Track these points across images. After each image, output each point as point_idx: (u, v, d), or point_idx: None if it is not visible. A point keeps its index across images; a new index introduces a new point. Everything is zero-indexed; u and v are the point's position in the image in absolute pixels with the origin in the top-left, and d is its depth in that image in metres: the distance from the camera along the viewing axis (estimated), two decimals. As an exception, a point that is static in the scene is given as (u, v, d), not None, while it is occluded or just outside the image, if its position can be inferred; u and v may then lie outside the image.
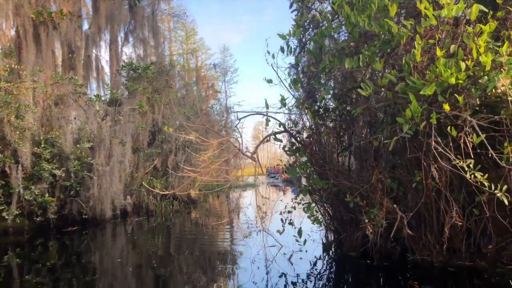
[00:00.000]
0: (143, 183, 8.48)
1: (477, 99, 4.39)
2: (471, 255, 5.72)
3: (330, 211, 7.54)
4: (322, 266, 6.30)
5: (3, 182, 10.46)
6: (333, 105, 7.08)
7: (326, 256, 6.90)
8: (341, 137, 7.71)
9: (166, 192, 7.79)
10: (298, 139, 7.22)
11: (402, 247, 6.30)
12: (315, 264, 6.36)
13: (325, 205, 7.53)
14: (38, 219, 11.09)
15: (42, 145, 10.92)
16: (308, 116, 7.01)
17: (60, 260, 7.61)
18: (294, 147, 7.06)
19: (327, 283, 5.46)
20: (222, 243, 8.76)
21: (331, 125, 7.69)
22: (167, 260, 7.26)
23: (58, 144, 11.21)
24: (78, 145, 11.73)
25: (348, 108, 7.13)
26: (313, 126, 7.15)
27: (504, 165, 4.04)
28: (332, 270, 6.22)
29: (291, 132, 7.08)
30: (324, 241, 7.37)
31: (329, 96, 7.46)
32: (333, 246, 7.44)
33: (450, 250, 5.89)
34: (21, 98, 9.72)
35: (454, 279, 5.22)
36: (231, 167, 5.57)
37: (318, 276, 5.70)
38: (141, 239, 9.99)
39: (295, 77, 6.57)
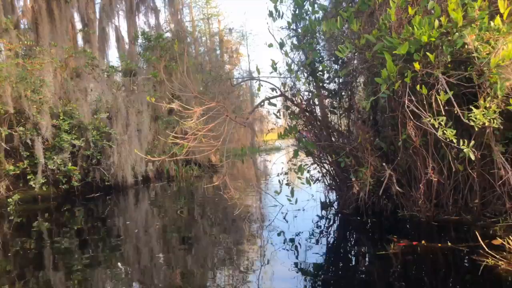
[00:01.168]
0: (135, 150, 8.84)
1: (449, 56, 4.38)
2: (458, 210, 5.83)
3: (331, 171, 7.74)
4: (317, 223, 6.54)
5: (28, 153, 11.18)
6: (327, 67, 7.12)
7: (323, 214, 7.14)
8: (341, 99, 7.79)
9: (156, 158, 8.08)
10: (295, 102, 7.34)
11: (393, 204, 6.48)
12: (314, 222, 6.58)
13: (325, 165, 7.72)
14: (63, 187, 11.88)
15: (61, 117, 11.51)
16: (302, 80, 7.10)
17: (86, 224, 8.07)
18: (289, 111, 7.20)
19: (317, 237, 5.69)
20: (229, 205, 9.13)
21: (330, 87, 7.77)
22: (188, 222, 7.66)
23: (76, 116, 11.77)
24: (95, 116, 12.26)
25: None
26: (307, 90, 7.25)
27: (466, 121, 4.08)
28: (324, 226, 6.45)
29: (287, 95, 7.20)
30: (323, 200, 7.61)
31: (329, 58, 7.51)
32: (333, 204, 7.69)
33: (438, 205, 6.02)
34: (36, 73, 10.21)
35: (437, 231, 5.38)
36: (225, 132, 5.78)
37: (311, 232, 5.95)
38: (162, 203, 10.51)
39: (280, 40, 6.62)
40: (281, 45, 6.63)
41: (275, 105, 7.09)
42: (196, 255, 5.33)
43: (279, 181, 7.25)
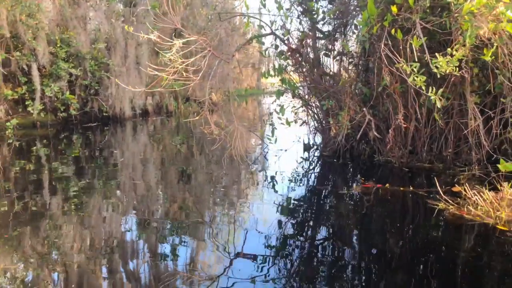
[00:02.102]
0: (116, 80, 8.80)
1: (428, 1, 4.28)
2: (432, 158, 5.95)
3: (317, 114, 7.81)
4: (297, 164, 6.70)
5: (26, 79, 11.30)
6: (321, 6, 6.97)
7: (305, 156, 7.29)
8: (335, 41, 7.67)
9: (137, 89, 8.09)
10: (286, 42, 7.26)
11: (371, 149, 6.60)
12: (296, 162, 6.75)
13: (313, 108, 7.78)
14: (62, 115, 12.08)
15: (58, 45, 11.48)
16: (292, 18, 6.98)
17: (84, 151, 8.24)
18: (278, 50, 7.14)
19: (295, 175, 5.88)
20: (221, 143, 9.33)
21: (324, 28, 7.64)
22: (183, 156, 7.86)
23: (74, 44, 11.72)
24: (93, 46, 12.20)
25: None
26: (299, 29, 7.14)
27: (434, 70, 4.06)
28: (302, 166, 6.62)
29: (277, 34, 7.10)
30: (305, 142, 7.75)
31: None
32: (317, 147, 7.83)
33: (413, 152, 6.14)
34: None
35: (408, 177, 5.53)
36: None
37: (290, 171, 6.13)
38: (160, 136, 10.70)
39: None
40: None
41: (263, 43, 7.02)
42: (184, 187, 5.55)
43: (263, 120, 7.36)
